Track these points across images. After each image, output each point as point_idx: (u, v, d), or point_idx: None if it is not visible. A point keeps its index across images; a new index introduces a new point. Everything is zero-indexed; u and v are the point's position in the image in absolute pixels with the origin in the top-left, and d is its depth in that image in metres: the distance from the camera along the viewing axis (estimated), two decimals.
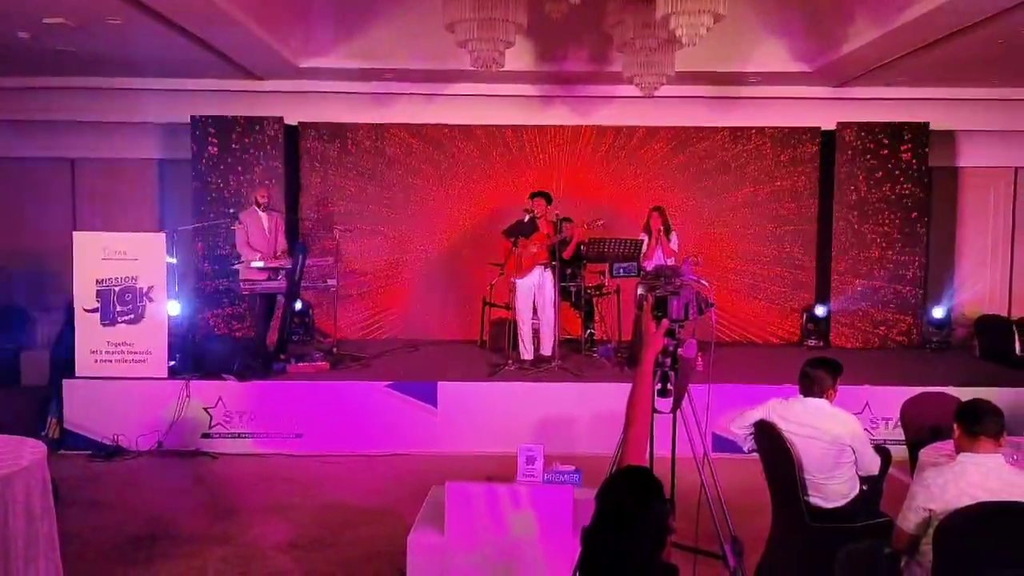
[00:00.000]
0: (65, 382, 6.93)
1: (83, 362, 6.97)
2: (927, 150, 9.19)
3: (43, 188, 9.88)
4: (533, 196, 7.70)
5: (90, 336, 6.96)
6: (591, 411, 6.70)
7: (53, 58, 8.00)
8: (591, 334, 8.44)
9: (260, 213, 7.84)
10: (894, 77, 8.56)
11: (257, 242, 7.75)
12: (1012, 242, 10.03)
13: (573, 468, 4.48)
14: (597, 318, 8.58)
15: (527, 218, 7.64)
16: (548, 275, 7.62)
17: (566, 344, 8.11)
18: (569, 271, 8.08)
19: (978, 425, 3.26)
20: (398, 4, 7.94)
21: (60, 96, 9.23)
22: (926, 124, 9.19)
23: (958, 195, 10.00)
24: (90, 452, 6.74)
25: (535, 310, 7.77)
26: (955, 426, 3.36)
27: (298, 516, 5.49)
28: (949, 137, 9.68)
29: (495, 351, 8.29)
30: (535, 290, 7.69)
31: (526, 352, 7.70)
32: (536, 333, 7.85)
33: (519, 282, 7.64)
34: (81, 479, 6.16)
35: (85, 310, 6.98)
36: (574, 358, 7.82)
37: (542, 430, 6.68)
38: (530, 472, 4.42)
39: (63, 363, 7.31)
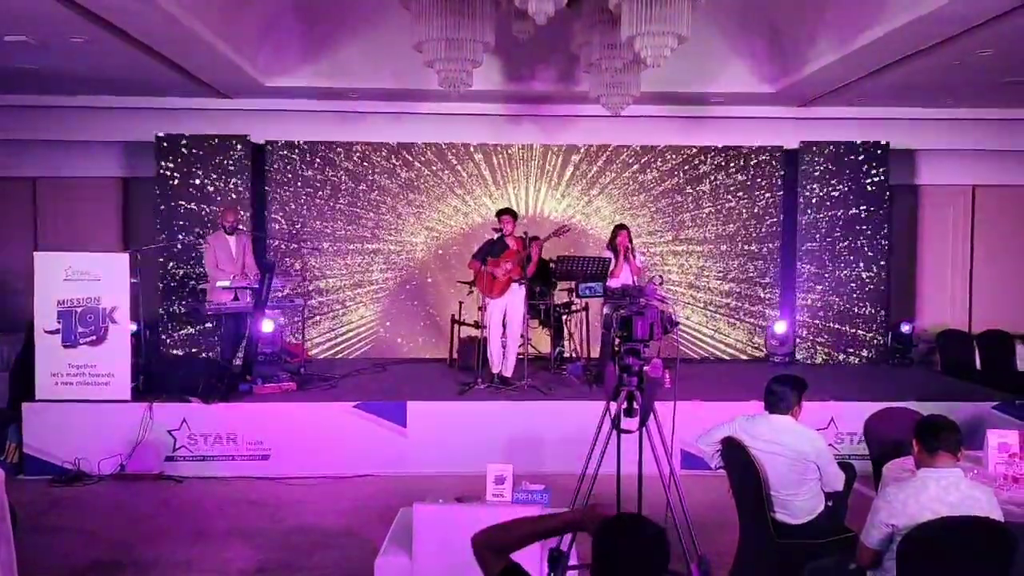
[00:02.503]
0: (24, 405, 6.78)
1: (43, 385, 6.82)
2: (888, 169, 9.38)
3: (3, 207, 9.71)
4: (499, 214, 7.71)
5: (51, 358, 6.82)
6: (560, 429, 6.69)
7: (14, 76, 7.89)
8: (560, 352, 8.45)
9: (227, 236, 7.78)
10: (855, 97, 8.73)
11: (225, 264, 7.70)
12: (971, 259, 10.24)
13: (542, 487, 4.47)
14: (566, 336, 8.60)
15: (496, 237, 7.65)
16: (520, 292, 7.61)
17: (535, 362, 8.11)
18: (538, 289, 8.10)
19: (936, 441, 3.32)
20: (365, 23, 7.95)
21: (21, 114, 9.11)
22: (886, 144, 9.38)
23: (918, 213, 10.20)
24: (51, 477, 6.59)
25: (504, 326, 7.75)
26: (914, 442, 3.42)
27: (264, 540, 5.41)
28: (909, 156, 9.88)
29: (464, 370, 8.27)
30: (506, 306, 7.67)
31: (495, 365, 7.67)
32: (503, 350, 7.83)
33: (491, 300, 7.62)
34: (41, 505, 6.03)
35: (46, 332, 6.85)
36: (543, 376, 7.82)
37: (511, 449, 6.66)
38: (499, 492, 4.40)
39: (23, 386, 7.16)
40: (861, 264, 9.38)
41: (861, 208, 9.36)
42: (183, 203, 9.10)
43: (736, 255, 9.67)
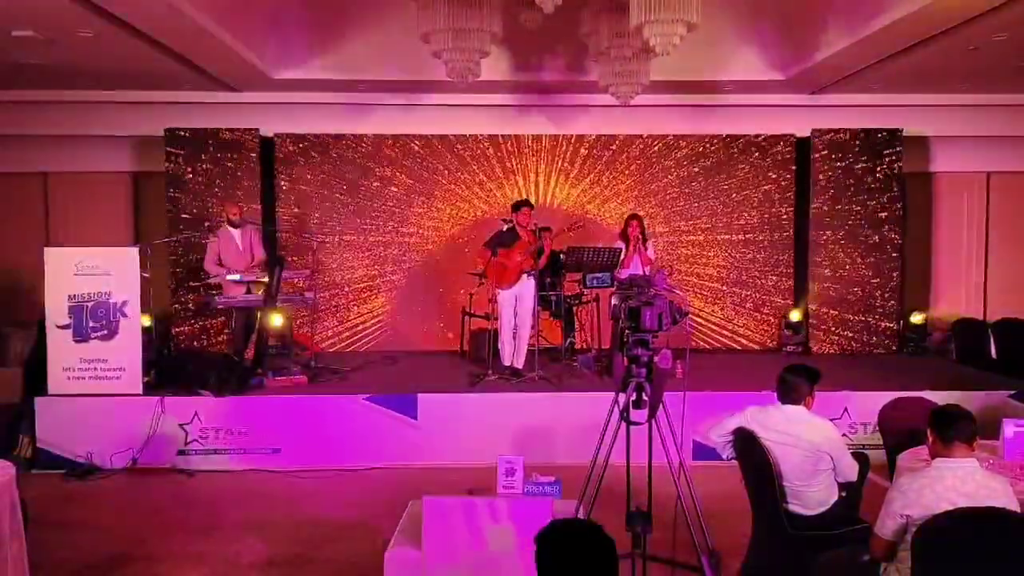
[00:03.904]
0: (37, 400, 6.82)
1: (55, 379, 6.86)
2: (901, 156, 9.27)
3: (15, 203, 9.76)
4: (517, 207, 7.66)
5: (62, 353, 6.85)
6: (571, 420, 6.66)
7: (23, 71, 7.91)
8: (571, 343, 8.41)
9: (232, 230, 7.77)
10: (867, 84, 8.64)
11: (231, 259, 7.69)
12: (986, 246, 10.14)
13: (553, 479, 4.44)
14: (577, 327, 8.56)
15: (505, 228, 7.61)
16: (530, 283, 7.58)
17: (546, 353, 8.08)
18: (548, 280, 8.06)
19: (951, 430, 3.27)
20: (373, 15, 7.92)
21: (31, 110, 9.14)
22: (900, 130, 9.27)
23: (932, 200, 10.10)
24: (63, 471, 6.62)
25: (515, 317, 7.72)
26: (929, 432, 3.37)
27: (276, 533, 5.41)
28: (923, 143, 9.78)
29: (476, 361, 8.25)
30: (516, 297, 7.65)
31: (506, 358, 7.65)
32: (515, 341, 7.79)
33: (502, 291, 7.60)
34: (54, 499, 6.05)
35: (57, 326, 6.87)
36: (554, 367, 7.79)
37: (522, 440, 6.64)
38: (510, 484, 4.38)
39: (35, 380, 7.19)
40: (875, 252, 9.29)
41: (874, 196, 9.27)
42: (193, 197, 9.11)
43: (748, 244, 9.60)
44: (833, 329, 9.33)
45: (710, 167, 9.59)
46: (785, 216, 9.59)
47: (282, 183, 9.46)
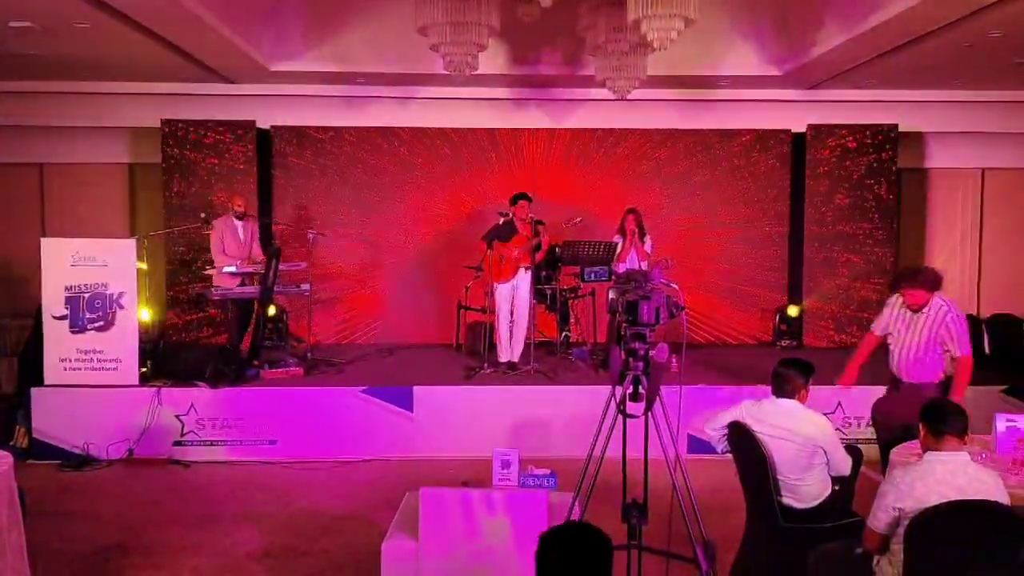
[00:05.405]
0: (33, 390, 6.82)
1: (52, 370, 6.86)
2: (896, 151, 9.30)
3: (11, 194, 9.73)
4: (515, 200, 7.67)
5: (59, 344, 6.86)
6: (566, 414, 6.70)
7: (20, 62, 7.88)
8: (567, 336, 8.44)
9: (236, 221, 7.78)
10: (863, 80, 8.66)
11: (232, 250, 7.71)
12: (980, 242, 10.18)
13: (548, 471, 4.47)
14: (572, 320, 8.59)
15: (502, 221, 7.64)
16: (527, 277, 7.62)
17: (542, 347, 8.10)
18: (544, 273, 8.09)
19: (943, 424, 3.30)
20: (370, 7, 7.92)
21: (28, 100, 9.11)
22: (895, 126, 9.30)
23: (927, 196, 10.14)
24: (59, 462, 6.63)
25: (511, 311, 7.75)
26: (920, 426, 3.40)
27: (272, 524, 5.44)
28: (918, 139, 9.81)
29: (471, 354, 8.27)
30: (513, 292, 7.68)
31: (503, 354, 7.69)
32: (510, 335, 7.83)
33: (499, 285, 7.62)
34: (50, 489, 6.07)
35: (54, 317, 6.88)
36: (549, 361, 7.82)
37: (518, 433, 6.68)
38: (505, 476, 4.40)
39: (32, 371, 7.20)
40: (869, 247, 9.33)
41: (869, 191, 9.30)
42: (189, 188, 9.11)
43: (744, 239, 9.62)
44: (827, 323, 9.37)
45: (706, 161, 9.60)
46: (780, 211, 9.61)
47: (278, 175, 9.45)
